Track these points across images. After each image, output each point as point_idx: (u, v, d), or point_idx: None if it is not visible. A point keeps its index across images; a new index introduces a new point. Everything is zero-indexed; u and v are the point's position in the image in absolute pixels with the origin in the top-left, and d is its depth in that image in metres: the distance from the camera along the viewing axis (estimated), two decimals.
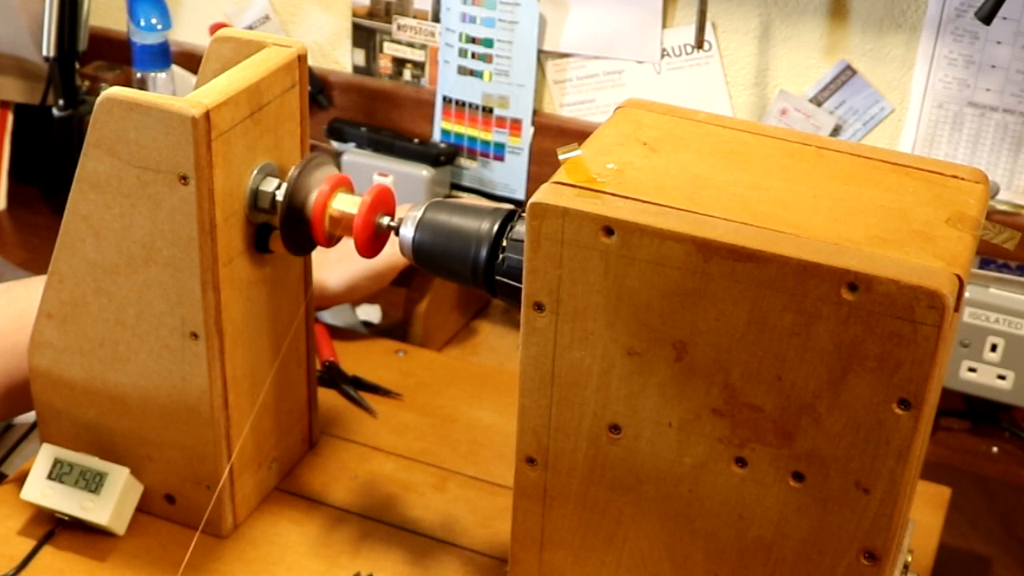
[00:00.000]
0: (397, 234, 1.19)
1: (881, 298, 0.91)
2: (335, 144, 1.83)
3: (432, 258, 1.17)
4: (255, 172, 1.20)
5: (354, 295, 1.58)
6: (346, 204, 1.21)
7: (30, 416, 1.36)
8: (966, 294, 1.16)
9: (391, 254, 1.27)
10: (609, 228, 0.97)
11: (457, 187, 1.83)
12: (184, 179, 1.12)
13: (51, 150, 1.87)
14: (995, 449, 1.56)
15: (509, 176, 1.79)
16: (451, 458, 1.41)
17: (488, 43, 1.74)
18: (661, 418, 1.03)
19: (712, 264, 0.95)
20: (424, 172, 1.75)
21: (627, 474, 1.06)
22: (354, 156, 1.79)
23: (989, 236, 1.00)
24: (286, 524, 1.32)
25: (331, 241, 1.23)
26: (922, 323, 0.91)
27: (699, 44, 1.64)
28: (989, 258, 1.52)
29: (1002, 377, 1.52)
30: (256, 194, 1.20)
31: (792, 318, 0.95)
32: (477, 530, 1.32)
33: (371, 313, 1.74)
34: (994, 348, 1.51)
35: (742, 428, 1.00)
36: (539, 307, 1.02)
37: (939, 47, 1.53)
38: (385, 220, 1.21)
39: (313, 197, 1.21)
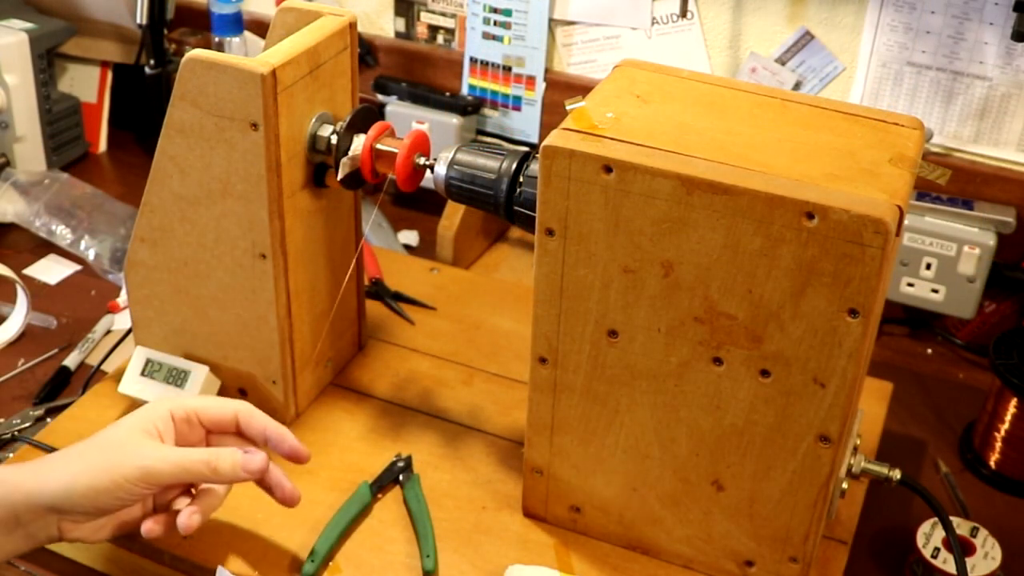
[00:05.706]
0: (432, 171, 1.19)
1: (835, 225, 0.91)
2: (380, 97, 1.81)
3: (461, 191, 1.17)
4: (313, 120, 1.19)
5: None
6: (389, 146, 1.20)
7: (126, 322, 1.36)
8: (905, 221, 1.15)
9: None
10: (608, 167, 0.97)
11: (482, 132, 1.82)
12: (254, 126, 1.12)
13: (143, 102, 1.86)
14: (929, 351, 1.56)
15: (525, 124, 1.78)
16: (477, 358, 1.41)
17: (507, 13, 1.72)
18: (651, 325, 1.03)
19: (694, 197, 0.95)
20: (454, 120, 1.74)
21: (623, 371, 1.06)
22: (396, 107, 1.78)
23: (924, 173, 1.00)
24: (339, 413, 1.32)
25: (376, 177, 1.22)
26: (869, 246, 0.91)
27: (683, 13, 1.62)
28: (924, 192, 1.51)
29: (935, 291, 1.51)
30: (314, 138, 1.19)
31: (760, 242, 0.94)
32: (499, 418, 1.32)
33: (410, 237, 1.74)
34: (928, 267, 1.50)
35: (719, 333, 1.00)
36: (550, 232, 1.02)
37: (883, 16, 1.51)
38: (422, 160, 1.21)
39: (362, 140, 1.20)
